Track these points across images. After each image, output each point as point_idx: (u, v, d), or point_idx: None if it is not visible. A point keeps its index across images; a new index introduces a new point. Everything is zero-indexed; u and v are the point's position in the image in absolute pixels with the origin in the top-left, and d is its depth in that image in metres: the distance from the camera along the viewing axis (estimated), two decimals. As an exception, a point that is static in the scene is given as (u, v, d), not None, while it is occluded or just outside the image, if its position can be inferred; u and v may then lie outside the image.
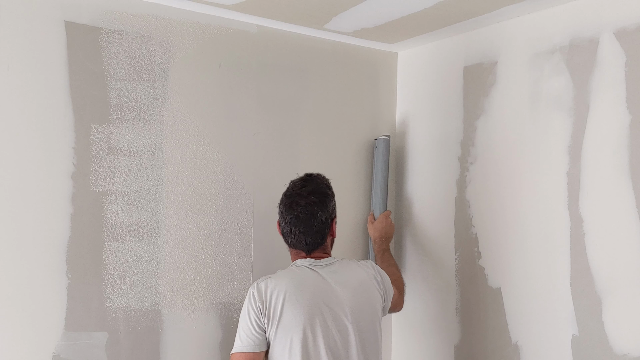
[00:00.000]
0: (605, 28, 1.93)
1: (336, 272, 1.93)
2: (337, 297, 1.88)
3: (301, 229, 1.93)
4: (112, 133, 2.06)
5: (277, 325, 1.82)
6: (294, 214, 1.93)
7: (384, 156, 2.58)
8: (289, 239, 1.98)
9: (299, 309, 1.82)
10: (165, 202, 2.15)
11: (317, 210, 1.94)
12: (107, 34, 2.05)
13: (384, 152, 2.58)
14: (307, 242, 1.94)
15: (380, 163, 2.58)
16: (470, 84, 2.39)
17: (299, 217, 1.93)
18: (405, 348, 2.66)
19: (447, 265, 2.46)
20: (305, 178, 2.02)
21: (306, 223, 1.93)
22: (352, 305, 1.89)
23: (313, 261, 1.94)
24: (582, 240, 1.97)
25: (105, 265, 2.03)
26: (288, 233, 1.96)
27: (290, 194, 1.98)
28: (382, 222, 2.50)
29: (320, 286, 1.88)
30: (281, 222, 1.99)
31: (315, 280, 1.88)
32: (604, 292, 1.90)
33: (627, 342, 1.84)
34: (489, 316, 2.27)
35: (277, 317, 1.81)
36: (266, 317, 1.83)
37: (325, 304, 1.85)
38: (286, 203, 1.96)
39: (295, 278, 1.88)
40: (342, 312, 1.87)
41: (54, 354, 1.93)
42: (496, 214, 2.27)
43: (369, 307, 1.94)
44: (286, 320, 1.81)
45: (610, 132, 1.91)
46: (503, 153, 2.25)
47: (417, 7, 2.14)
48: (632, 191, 1.85)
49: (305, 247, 1.95)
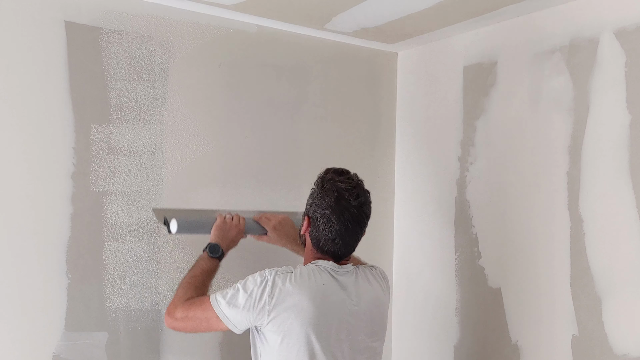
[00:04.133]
0: (605, 28, 1.93)
1: (356, 282, 1.84)
2: (353, 309, 1.80)
3: (346, 240, 1.81)
4: (112, 133, 2.06)
5: (279, 327, 1.72)
6: (343, 225, 1.79)
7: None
8: (325, 246, 1.82)
9: (308, 320, 1.72)
10: (165, 202, 2.15)
11: (364, 225, 1.85)
12: (107, 34, 2.05)
13: None
14: (342, 253, 1.84)
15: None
16: (470, 84, 2.39)
17: (348, 229, 1.80)
18: (405, 348, 2.66)
19: (447, 265, 2.46)
20: (356, 185, 1.84)
21: (351, 236, 1.83)
22: (367, 319, 1.82)
23: (336, 267, 1.83)
24: (582, 240, 1.97)
25: (105, 265, 2.03)
26: (328, 240, 1.81)
27: (346, 204, 1.79)
28: (274, 235, 2.14)
29: (340, 296, 1.79)
30: (321, 224, 1.80)
31: (335, 289, 1.79)
32: (604, 292, 1.90)
33: (627, 342, 1.84)
34: (489, 316, 2.27)
35: (282, 323, 1.72)
36: (266, 314, 1.71)
37: (340, 315, 1.77)
38: (336, 209, 1.79)
39: (315, 286, 1.76)
40: (356, 325, 1.79)
41: (54, 354, 1.93)
42: (496, 214, 2.27)
43: (380, 321, 1.87)
44: (293, 330, 1.71)
45: (610, 132, 1.91)
46: (503, 153, 2.25)
47: (417, 7, 2.14)
48: (632, 191, 1.85)
49: (338, 256, 1.84)
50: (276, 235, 2.12)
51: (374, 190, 2.70)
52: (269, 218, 2.15)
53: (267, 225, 2.13)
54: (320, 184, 1.85)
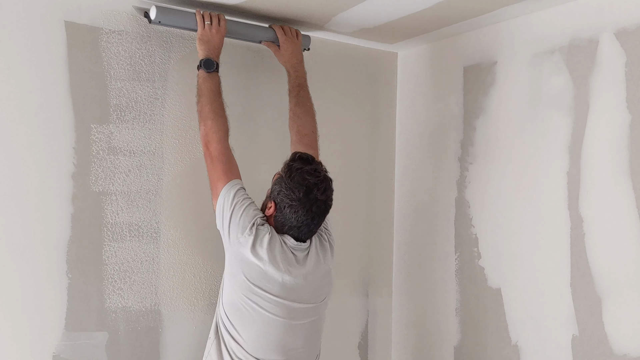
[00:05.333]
0: (605, 28, 1.93)
1: (309, 260, 1.94)
2: (303, 284, 1.91)
3: (310, 227, 1.91)
4: (112, 133, 2.06)
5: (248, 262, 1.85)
6: (310, 216, 1.89)
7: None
8: (289, 230, 1.91)
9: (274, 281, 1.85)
10: (165, 202, 2.15)
11: (327, 213, 1.95)
12: (107, 34, 2.05)
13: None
14: (305, 238, 1.94)
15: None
16: (470, 84, 2.40)
17: (314, 219, 1.90)
18: (405, 348, 2.66)
19: (447, 265, 2.46)
20: (323, 178, 1.91)
21: (316, 225, 1.93)
22: (313, 294, 1.95)
23: (296, 244, 1.92)
24: (582, 240, 1.97)
25: (105, 265, 2.03)
26: (293, 227, 1.90)
27: (313, 197, 1.87)
28: (289, 47, 2.24)
29: (295, 272, 1.90)
30: (288, 212, 1.88)
31: (291, 260, 1.90)
32: (604, 292, 1.91)
33: (627, 342, 1.84)
34: (489, 316, 2.27)
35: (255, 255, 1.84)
36: (245, 237, 1.85)
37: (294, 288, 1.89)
38: (305, 202, 1.87)
39: (279, 251, 1.88)
40: (306, 298, 1.92)
41: (54, 354, 1.93)
42: (496, 214, 2.27)
43: (323, 299, 1.99)
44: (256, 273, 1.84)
45: (610, 132, 1.91)
46: (503, 153, 2.25)
47: (417, 7, 2.14)
48: (632, 191, 1.85)
49: (298, 237, 1.93)
50: (287, 50, 2.24)
51: (374, 190, 2.72)
52: (286, 32, 2.25)
53: (282, 37, 2.24)
54: (288, 172, 1.90)
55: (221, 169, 1.94)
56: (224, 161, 1.95)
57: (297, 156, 1.94)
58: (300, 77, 2.26)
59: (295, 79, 2.25)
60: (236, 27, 2.17)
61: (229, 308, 1.87)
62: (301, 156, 1.94)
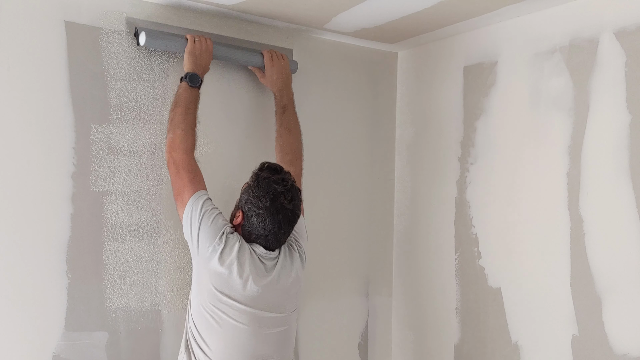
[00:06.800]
0: (605, 28, 1.93)
1: (278, 269, 1.93)
2: (272, 292, 1.91)
3: (278, 237, 1.91)
4: (112, 133, 2.06)
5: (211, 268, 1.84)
6: (277, 225, 1.89)
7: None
8: (257, 239, 1.92)
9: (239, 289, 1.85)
10: (165, 202, 2.15)
11: (294, 223, 1.96)
12: (107, 34, 2.05)
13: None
14: (273, 247, 1.93)
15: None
16: (470, 84, 2.40)
17: (281, 228, 1.90)
18: (405, 348, 2.66)
19: (447, 265, 2.46)
20: (290, 187, 1.92)
21: (283, 234, 1.93)
22: (282, 303, 1.94)
23: (265, 253, 1.92)
24: (582, 240, 1.97)
25: (105, 265, 2.04)
26: (260, 236, 1.90)
27: (280, 206, 1.88)
28: (274, 72, 2.26)
29: (263, 281, 1.89)
30: (255, 221, 1.89)
31: (260, 271, 1.89)
32: (604, 292, 1.91)
33: (627, 342, 1.84)
34: (489, 316, 2.28)
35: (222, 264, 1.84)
36: (211, 250, 1.84)
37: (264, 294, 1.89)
38: (271, 211, 1.87)
39: (248, 260, 1.87)
40: (274, 307, 1.92)
41: (54, 354, 1.93)
42: (496, 214, 2.27)
43: (293, 309, 1.99)
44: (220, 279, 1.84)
45: (610, 132, 1.91)
46: (503, 153, 2.25)
47: (417, 7, 2.14)
48: (632, 191, 1.85)
49: (267, 246, 1.92)
50: (272, 75, 2.25)
51: (374, 190, 2.72)
52: (272, 57, 2.26)
53: (268, 62, 2.25)
54: (256, 181, 1.92)
55: (187, 178, 1.93)
56: (190, 170, 1.94)
57: (266, 166, 1.96)
58: (285, 99, 2.27)
59: (280, 101, 2.27)
60: (223, 52, 2.18)
61: (197, 318, 1.87)
62: (269, 166, 1.96)
